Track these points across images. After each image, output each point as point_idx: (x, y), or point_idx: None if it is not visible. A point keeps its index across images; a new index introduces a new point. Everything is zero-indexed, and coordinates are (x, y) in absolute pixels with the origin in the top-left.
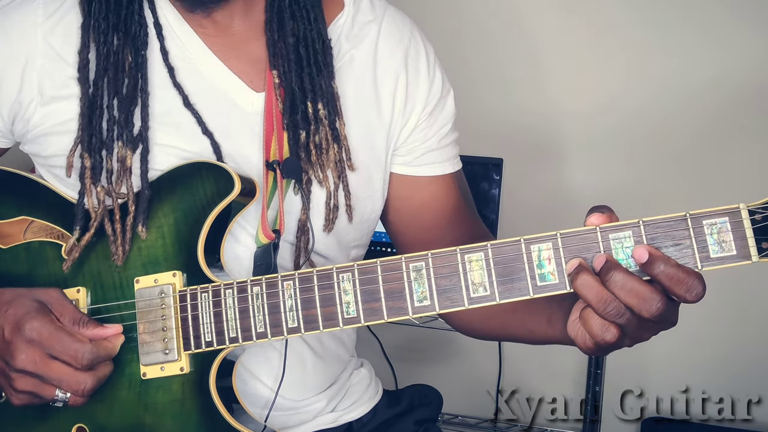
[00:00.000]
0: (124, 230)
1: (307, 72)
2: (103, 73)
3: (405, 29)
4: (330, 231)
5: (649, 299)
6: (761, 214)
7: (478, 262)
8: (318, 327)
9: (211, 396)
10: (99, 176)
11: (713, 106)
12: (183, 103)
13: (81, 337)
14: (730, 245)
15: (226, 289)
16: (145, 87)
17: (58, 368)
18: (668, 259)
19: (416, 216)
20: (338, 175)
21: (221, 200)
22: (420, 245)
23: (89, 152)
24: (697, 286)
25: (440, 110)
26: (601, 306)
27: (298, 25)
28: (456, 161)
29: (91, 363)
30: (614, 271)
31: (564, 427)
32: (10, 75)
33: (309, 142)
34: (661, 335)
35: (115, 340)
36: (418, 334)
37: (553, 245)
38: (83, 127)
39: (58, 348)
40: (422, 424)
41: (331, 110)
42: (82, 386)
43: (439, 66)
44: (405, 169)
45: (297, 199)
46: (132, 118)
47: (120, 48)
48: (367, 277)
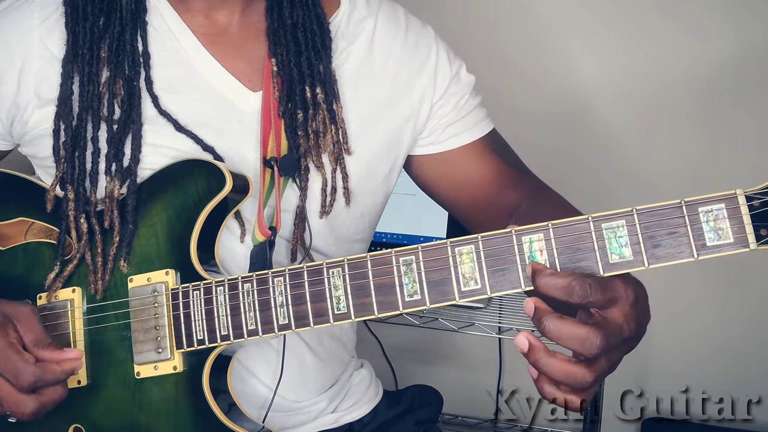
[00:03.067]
0: (105, 262)
1: (305, 57)
2: (89, 105)
3: (399, 16)
4: (327, 215)
5: (583, 339)
6: (759, 200)
7: (469, 255)
8: (309, 323)
9: (204, 395)
10: (82, 210)
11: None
12: (175, 128)
13: (28, 356)
14: (727, 233)
15: (218, 287)
16: (138, 119)
17: (1, 385)
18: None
19: (462, 190)
20: (335, 159)
21: (213, 197)
22: (481, 217)
23: (72, 184)
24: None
25: (455, 85)
26: (559, 376)
27: (297, 11)
28: (484, 124)
29: (32, 385)
30: (545, 319)
31: (564, 427)
32: (7, 77)
33: (307, 126)
34: (661, 335)
35: (67, 365)
36: (418, 334)
37: (544, 236)
38: (67, 159)
39: (2, 364)
40: (422, 425)
41: (328, 92)
42: (22, 408)
43: (443, 45)
44: (433, 147)
45: (294, 196)
46: (123, 147)
47: (110, 79)
48: (358, 272)
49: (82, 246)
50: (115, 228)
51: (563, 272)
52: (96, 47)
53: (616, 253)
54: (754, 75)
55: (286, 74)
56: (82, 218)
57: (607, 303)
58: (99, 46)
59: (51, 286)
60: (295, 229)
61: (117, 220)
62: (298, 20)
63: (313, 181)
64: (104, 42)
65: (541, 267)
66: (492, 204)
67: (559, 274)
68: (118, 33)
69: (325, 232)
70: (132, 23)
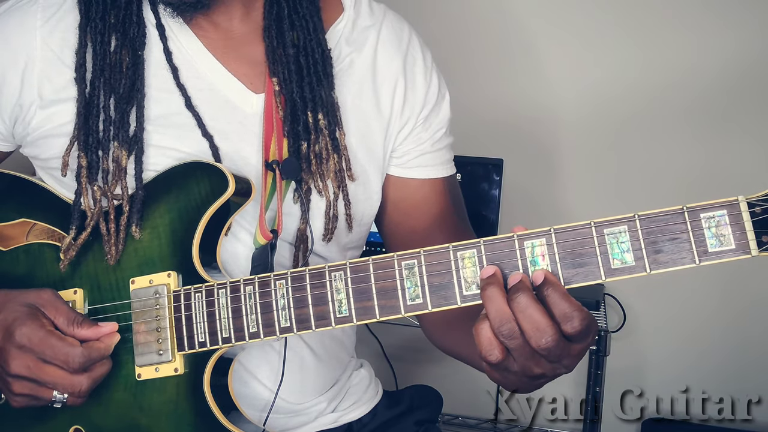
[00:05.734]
0: (118, 230)
1: (308, 81)
2: (100, 73)
3: (403, 35)
4: (329, 240)
5: (542, 330)
6: (761, 207)
7: (471, 260)
8: (310, 326)
9: (205, 397)
10: (95, 176)
11: (713, 97)
12: (185, 104)
13: (72, 340)
14: (728, 239)
15: (220, 289)
16: (141, 88)
17: (52, 372)
18: (558, 286)
19: (406, 218)
20: (338, 185)
21: (216, 200)
22: (407, 247)
23: (85, 151)
24: (574, 319)
25: (435, 115)
26: (497, 321)
27: (298, 34)
28: (449, 166)
29: (83, 365)
30: (521, 293)
31: (564, 427)
32: (10, 79)
33: (309, 152)
34: (661, 335)
35: (109, 340)
36: (418, 334)
37: (546, 241)
38: (79, 126)
39: (48, 353)
40: (422, 425)
41: (331, 120)
42: (78, 388)
43: (436, 71)
44: (398, 171)
45: (296, 198)
46: (128, 118)
47: (118, 48)
48: (360, 276)
49: (96, 213)
50: (124, 196)
51: (571, 298)
52: (108, 17)
53: (618, 259)
54: (757, 80)
55: (288, 96)
56: (96, 185)
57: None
58: (110, 15)
59: (66, 252)
60: (296, 247)
61: (126, 188)
62: (300, 45)
63: (314, 202)
64: (113, 10)
65: (555, 281)
66: (424, 240)
67: (569, 299)
68: (126, 2)
69: (326, 245)
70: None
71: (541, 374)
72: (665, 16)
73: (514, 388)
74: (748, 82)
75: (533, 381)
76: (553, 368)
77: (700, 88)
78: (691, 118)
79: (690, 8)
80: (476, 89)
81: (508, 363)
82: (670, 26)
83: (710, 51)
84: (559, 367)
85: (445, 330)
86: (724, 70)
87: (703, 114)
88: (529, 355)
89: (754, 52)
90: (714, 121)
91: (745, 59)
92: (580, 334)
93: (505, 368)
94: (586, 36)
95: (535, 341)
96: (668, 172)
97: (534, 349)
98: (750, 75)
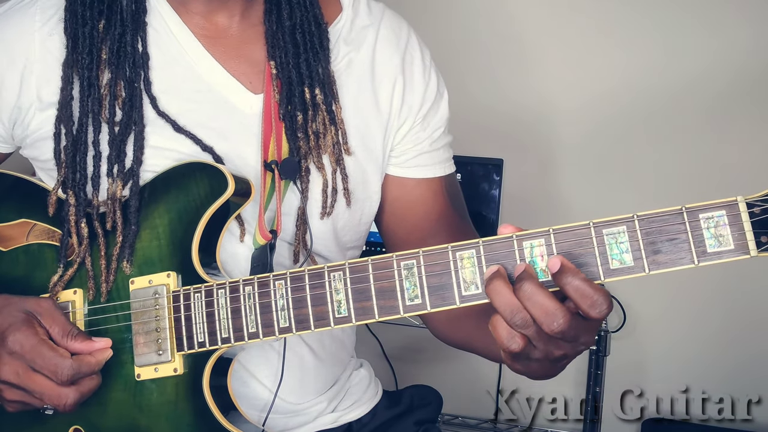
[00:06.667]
0: (109, 264)
1: (304, 58)
2: (89, 110)
3: (402, 33)
4: (329, 216)
5: (552, 314)
6: (760, 207)
7: (470, 260)
8: (309, 327)
9: (204, 397)
10: (83, 213)
11: (710, 97)
12: (173, 128)
13: (63, 351)
14: (727, 239)
15: (219, 290)
16: (140, 120)
17: (40, 381)
18: (577, 272)
19: (403, 217)
20: (336, 160)
21: (215, 200)
22: (405, 247)
23: (74, 189)
24: (601, 304)
25: (434, 113)
26: (508, 314)
27: (295, 12)
28: (447, 165)
29: (71, 378)
30: (525, 282)
31: (564, 427)
32: (9, 81)
33: (307, 128)
34: (661, 336)
35: (100, 355)
36: (418, 334)
37: (545, 241)
38: (67, 164)
39: (39, 362)
40: (422, 425)
41: (327, 93)
42: (64, 401)
43: (435, 69)
44: (396, 170)
45: (295, 199)
46: (125, 149)
47: (112, 82)
48: (359, 276)
49: (83, 250)
50: (118, 229)
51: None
52: (96, 51)
53: (617, 259)
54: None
55: (285, 76)
56: (83, 222)
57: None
58: (99, 49)
59: (53, 289)
60: (296, 231)
61: (120, 221)
62: (296, 21)
63: (313, 182)
64: (105, 44)
65: (571, 267)
66: (424, 239)
67: (590, 283)
68: (119, 35)
69: (327, 237)
70: (133, 24)
71: (563, 355)
72: (664, 17)
73: (537, 375)
74: (747, 83)
75: (556, 363)
76: (573, 347)
77: (698, 88)
78: (690, 118)
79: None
80: (476, 89)
81: (529, 351)
82: (669, 27)
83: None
84: (577, 345)
85: (455, 325)
86: (722, 70)
87: (703, 114)
88: (547, 340)
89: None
90: (713, 122)
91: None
92: (605, 316)
93: (527, 356)
94: (587, 36)
95: (547, 326)
96: (668, 172)
97: (549, 334)
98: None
